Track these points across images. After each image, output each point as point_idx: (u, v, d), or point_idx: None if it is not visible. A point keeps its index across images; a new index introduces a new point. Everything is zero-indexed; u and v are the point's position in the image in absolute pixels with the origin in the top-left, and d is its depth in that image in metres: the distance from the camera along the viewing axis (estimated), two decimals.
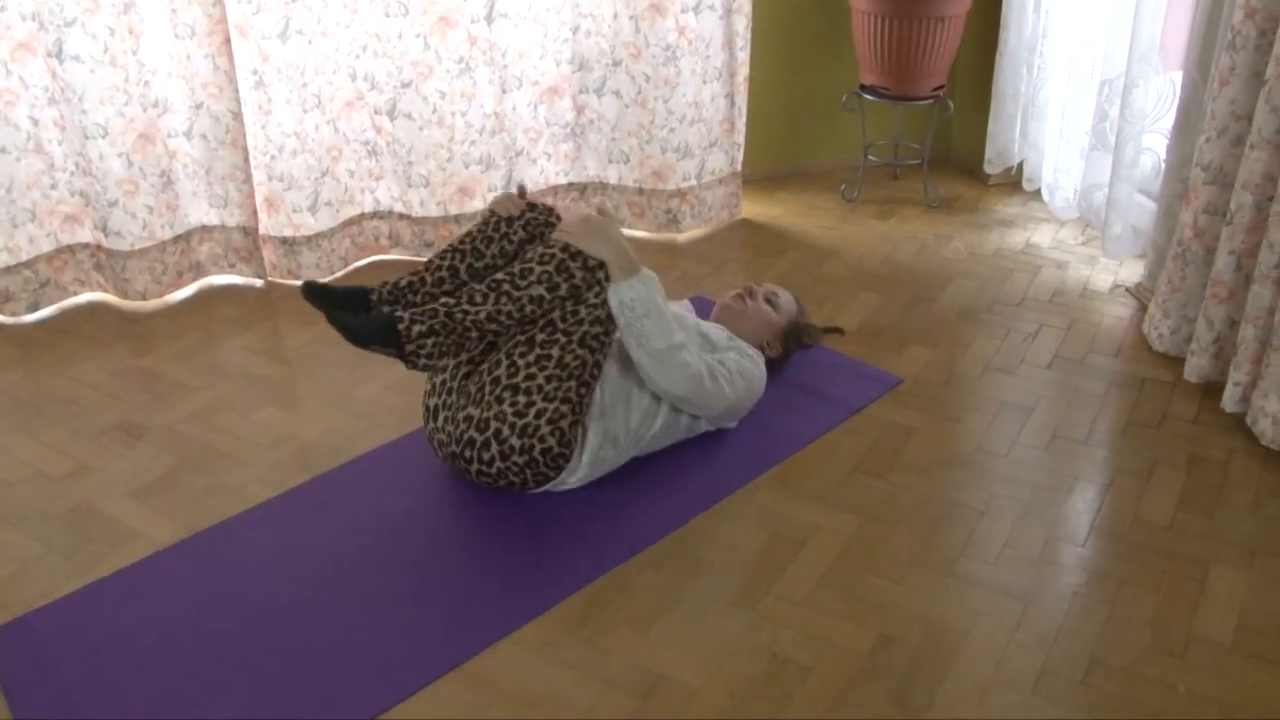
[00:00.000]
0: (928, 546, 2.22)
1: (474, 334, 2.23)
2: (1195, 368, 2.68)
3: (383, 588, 2.14)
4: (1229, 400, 2.55)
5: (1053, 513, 2.31)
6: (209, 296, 3.32)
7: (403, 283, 2.39)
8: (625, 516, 2.32)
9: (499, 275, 2.24)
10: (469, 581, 2.15)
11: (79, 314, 3.23)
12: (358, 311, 2.30)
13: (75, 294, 3.27)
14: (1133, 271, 3.27)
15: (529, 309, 2.23)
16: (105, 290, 3.28)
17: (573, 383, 2.25)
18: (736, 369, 2.47)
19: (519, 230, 2.47)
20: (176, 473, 2.50)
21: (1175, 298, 2.76)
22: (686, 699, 1.88)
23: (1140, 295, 3.10)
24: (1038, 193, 3.77)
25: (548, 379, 2.23)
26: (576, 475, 2.34)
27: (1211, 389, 2.69)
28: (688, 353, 2.32)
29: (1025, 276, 3.29)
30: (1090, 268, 3.33)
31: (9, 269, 3.11)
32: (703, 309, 3.03)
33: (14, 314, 3.16)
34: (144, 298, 3.24)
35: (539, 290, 2.22)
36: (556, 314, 2.25)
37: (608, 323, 2.28)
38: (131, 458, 2.55)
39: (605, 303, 2.27)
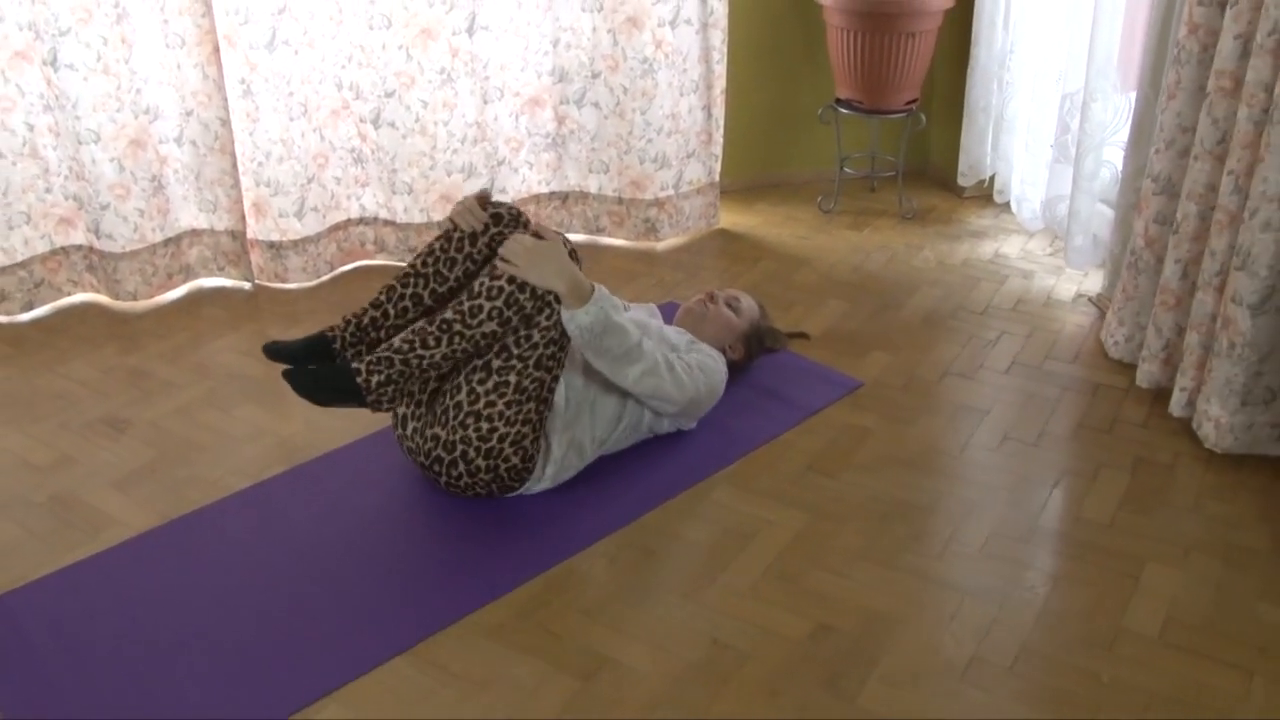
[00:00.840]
0: (873, 542, 2.30)
1: (431, 373, 2.29)
2: (1146, 374, 2.75)
3: (347, 573, 2.23)
4: (1176, 405, 2.63)
5: (997, 510, 2.39)
6: (198, 298, 3.42)
7: (365, 320, 2.41)
8: (585, 512, 2.40)
9: (449, 314, 2.25)
10: (430, 570, 2.24)
11: (71, 313, 3.33)
12: (321, 360, 2.34)
13: (68, 294, 3.38)
14: (1098, 282, 3.35)
15: (483, 344, 2.27)
16: (97, 291, 3.39)
17: (532, 404, 2.33)
18: (697, 363, 2.55)
19: (483, 249, 2.45)
20: (156, 464, 2.59)
21: (1129, 305, 2.84)
22: (628, 682, 1.96)
23: (1100, 304, 3.18)
24: (1008, 205, 3.85)
25: (507, 404, 2.29)
26: (541, 483, 2.43)
27: (1161, 395, 2.77)
28: (644, 349, 2.38)
29: (991, 285, 3.37)
30: (1055, 278, 3.41)
31: (4, 270, 3.22)
32: (670, 314, 3.12)
33: (9, 313, 3.27)
34: (135, 298, 3.34)
35: (490, 326, 2.24)
36: (510, 339, 2.28)
37: (561, 339, 2.32)
38: (114, 450, 2.65)
39: (556, 324, 2.29)
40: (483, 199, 2.49)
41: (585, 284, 2.27)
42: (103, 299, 3.40)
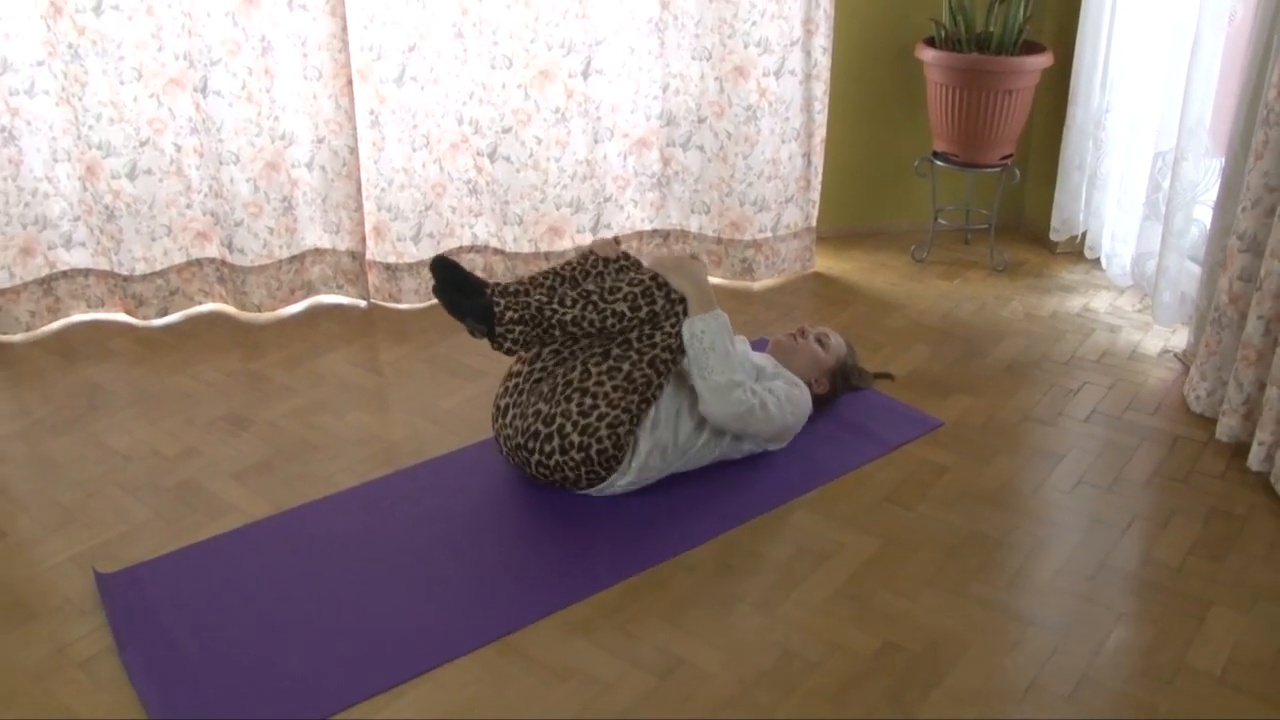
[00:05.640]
0: (943, 570, 2.39)
1: (557, 331, 2.50)
2: (1226, 428, 2.79)
3: (443, 568, 2.39)
4: (1254, 459, 2.67)
5: (1067, 548, 2.45)
6: (317, 313, 3.65)
7: (511, 288, 2.61)
8: (667, 524, 2.54)
9: (589, 285, 2.56)
10: (520, 569, 2.39)
11: (201, 321, 3.59)
12: (471, 295, 2.52)
13: (199, 303, 3.64)
14: (1184, 338, 3.38)
15: (610, 322, 2.51)
16: (226, 301, 3.64)
17: (635, 396, 2.50)
18: (785, 395, 2.68)
19: (613, 272, 2.73)
20: (273, 460, 2.79)
21: (1212, 360, 2.89)
22: (700, 682, 2.08)
23: (1185, 359, 3.22)
24: (1099, 261, 3.90)
25: (614, 388, 2.49)
26: (624, 480, 2.57)
27: (1241, 449, 2.80)
28: (745, 390, 2.55)
29: (1077, 338, 3.43)
30: (1142, 333, 3.46)
31: (145, 277, 3.49)
32: (760, 349, 3.24)
33: (145, 318, 3.54)
34: (259, 310, 3.59)
35: (622, 307, 2.50)
36: (634, 334, 2.53)
37: (677, 352, 2.54)
38: (235, 445, 2.86)
39: (679, 333, 2.53)
40: (617, 240, 2.82)
41: (714, 301, 2.56)
42: (230, 309, 3.65)
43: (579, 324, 2.50)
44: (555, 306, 2.49)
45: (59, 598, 2.29)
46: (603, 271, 2.73)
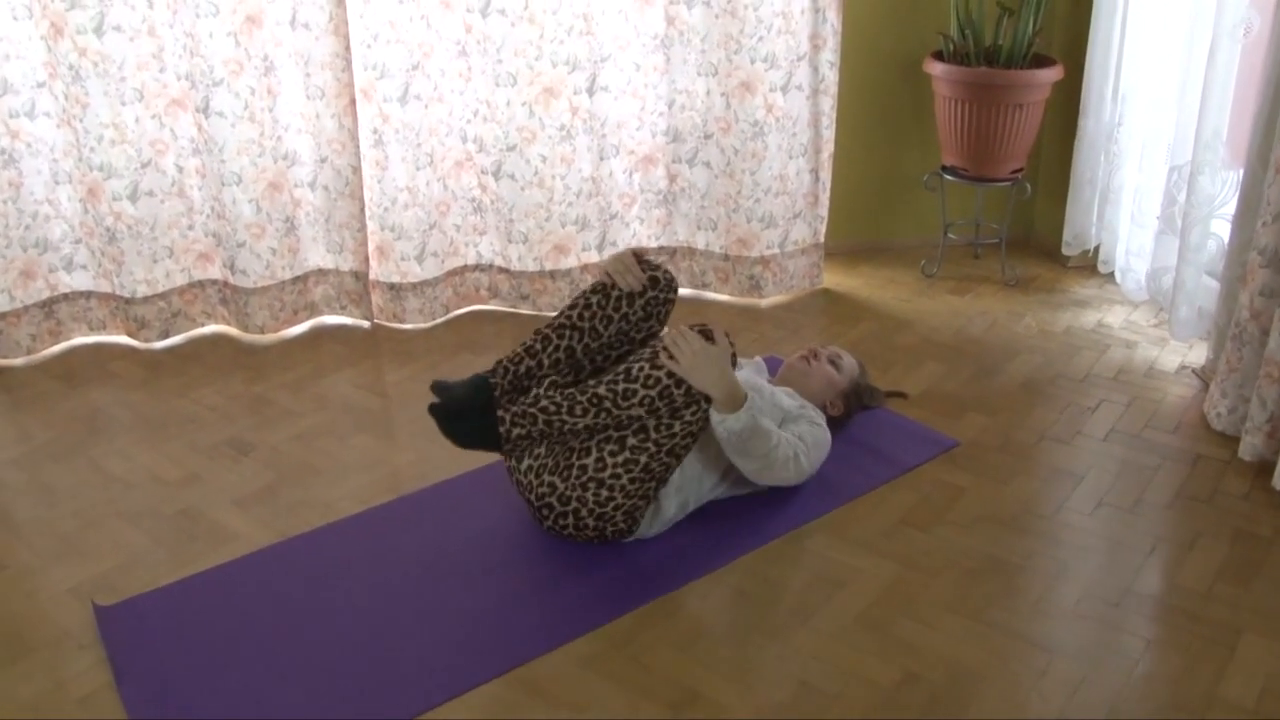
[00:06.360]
0: (963, 596, 2.33)
1: (571, 440, 2.38)
2: (1249, 446, 2.74)
3: (451, 598, 2.33)
4: (1279, 479, 2.61)
5: (1090, 573, 2.40)
6: (320, 334, 3.61)
7: (521, 370, 2.48)
8: (679, 550, 2.48)
9: (602, 390, 2.29)
10: (529, 598, 2.34)
11: (203, 343, 3.54)
12: (471, 417, 2.37)
13: (202, 325, 3.59)
14: (1202, 354, 3.33)
15: (627, 424, 2.33)
16: (228, 323, 3.59)
17: (653, 484, 2.41)
18: (812, 441, 2.59)
19: (639, 310, 2.53)
20: (276, 486, 2.74)
21: (1233, 378, 2.83)
22: (716, 715, 2.02)
23: (1204, 376, 3.17)
24: (1112, 275, 3.85)
25: (631, 480, 2.37)
26: (647, 534, 2.52)
27: (1265, 467, 2.74)
28: (782, 449, 2.44)
29: (1093, 354, 3.38)
30: (1159, 349, 3.40)
31: (146, 299, 3.44)
32: (773, 367, 3.19)
33: (146, 340, 3.49)
34: (262, 331, 3.54)
35: (639, 411, 2.30)
36: (651, 422, 2.33)
37: (699, 435, 2.39)
38: (237, 470, 2.81)
39: (699, 421, 2.35)
40: (639, 255, 2.57)
41: (740, 392, 2.32)
42: (233, 331, 3.60)
43: (593, 430, 2.35)
44: (565, 417, 2.33)
45: (57, 631, 2.24)
46: (626, 314, 2.51)
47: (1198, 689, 2.07)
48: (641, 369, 2.29)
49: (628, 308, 2.53)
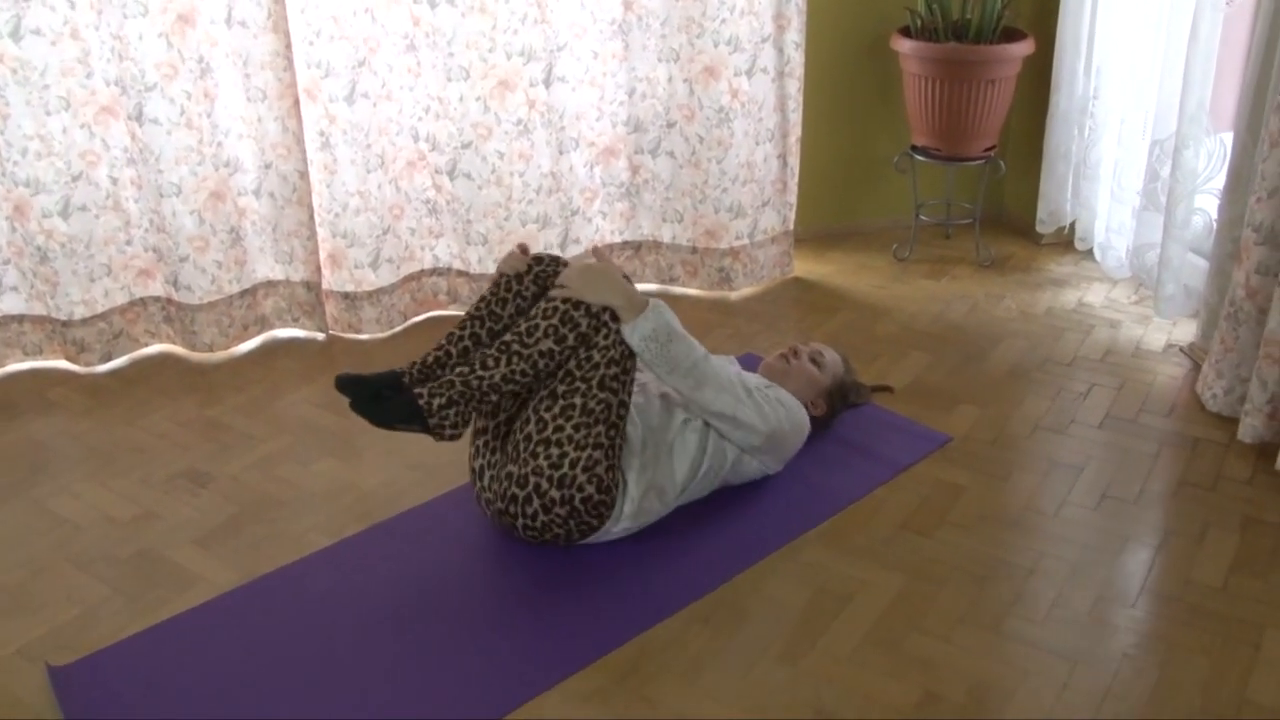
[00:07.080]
0: (975, 605, 2.22)
1: (493, 396, 2.28)
2: (1249, 428, 2.66)
3: (434, 636, 2.18)
4: None
5: (1102, 573, 2.30)
6: (272, 349, 3.42)
7: (430, 359, 2.43)
8: (671, 570, 2.35)
9: (507, 337, 2.30)
10: (520, 632, 2.19)
11: (149, 364, 3.34)
12: (392, 395, 2.31)
13: (146, 345, 3.39)
14: (1186, 331, 3.26)
15: (541, 364, 2.28)
16: (174, 342, 3.39)
17: (601, 427, 2.30)
18: (775, 398, 2.52)
19: (529, 285, 2.51)
20: (238, 520, 2.57)
21: (1229, 358, 2.75)
22: None
23: (1194, 355, 3.09)
24: (1090, 252, 3.77)
25: (575, 428, 2.28)
26: (620, 525, 2.38)
27: (1267, 450, 2.67)
28: (715, 367, 2.40)
29: (1077, 336, 3.29)
30: (1143, 327, 3.32)
31: (85, 321, 3.24)
32: (751, 366, 3.06)
33: (88, 364, 3.28)
34: (211, 349, 3.35)
35: (547, 344, 2.28)
36: (572, 363, 2.30)
37: (623, 361, 2.33)
38: (196, 505, 2.63)
39: (615, 343, 2.31)
40: (524, 248, 2.57)
41: (639, 296, 2.32)
42: (179, 350, 3.40)
43: (510, 380, 2.28)
44: (479, 373, 2.26)
45: (7, 699, 2.05)
46: (519, 291, 2.49)
47: (1226, 692, 1.99)
48: (538, 305, 2.33)
49: (518, 285, 2.51)
